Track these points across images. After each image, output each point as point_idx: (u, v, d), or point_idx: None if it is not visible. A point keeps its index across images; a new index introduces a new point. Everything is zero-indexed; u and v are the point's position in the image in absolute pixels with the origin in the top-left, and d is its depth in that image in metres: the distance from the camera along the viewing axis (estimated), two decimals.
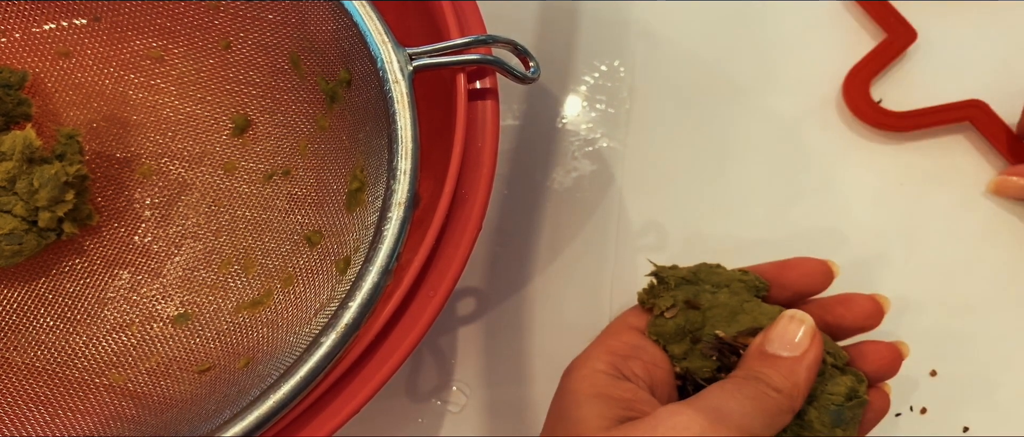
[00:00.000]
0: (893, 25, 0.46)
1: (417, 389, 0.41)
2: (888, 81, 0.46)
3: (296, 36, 0.39)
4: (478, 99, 0.35)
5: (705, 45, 0.48)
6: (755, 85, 0.47)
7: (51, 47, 0.41)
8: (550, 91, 0.47)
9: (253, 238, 0.39)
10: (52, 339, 0.37)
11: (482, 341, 0.42)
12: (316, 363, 0.30)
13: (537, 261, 0.43)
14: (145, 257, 0.40)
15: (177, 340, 0.37)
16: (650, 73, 0.47)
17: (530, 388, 0.41)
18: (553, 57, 0.47)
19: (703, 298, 0.34)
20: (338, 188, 0.38)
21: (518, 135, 0.46)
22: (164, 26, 0.41)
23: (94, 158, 0.41)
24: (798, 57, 0.47)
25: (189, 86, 0.42)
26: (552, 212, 0.44)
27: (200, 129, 0.42)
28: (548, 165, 0.45)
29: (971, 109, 0.44)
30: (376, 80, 0.34)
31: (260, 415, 0.29)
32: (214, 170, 0.41)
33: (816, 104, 0.46)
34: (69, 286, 0.39)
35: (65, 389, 0.36)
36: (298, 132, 0.40)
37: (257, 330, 0.36)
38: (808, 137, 0.46)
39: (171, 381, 0.36)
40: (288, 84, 0.40)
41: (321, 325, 0.31)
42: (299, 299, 0.36)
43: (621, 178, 0.45)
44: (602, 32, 0.48)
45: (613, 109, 0.46)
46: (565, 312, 0.42)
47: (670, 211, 0.44)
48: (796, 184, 0.45)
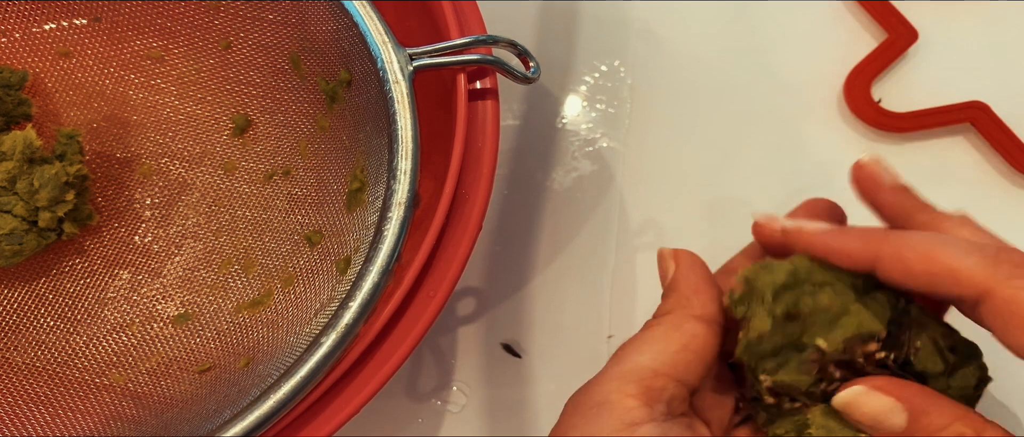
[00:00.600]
0: (894, 25, 0.46)
1: (417, 389, 0.41)
2: (889, 81, 0.46)
3: (296, 36, 0.39)
4: (478, 99, 0.35)
5: (705, 45, 0.48)
6: (755, 85, 0.47)
7: (51, 47, 0.41)
8: (550, 91, 0.47)
9: (253, 238, 0.39)
10: (52, 339, 0.37)
11: (482, 341, 0.42)
12: (316, 363, 0.30)
13: (537, 261, 0.43)
14: (145, 257, 0.40)
15: (177, 340, 0.37)
16: (650, 73, 0.47)
17: (530, 388, 0.41)
18: (553, 57, 0.47)
19: (804, 304, 0.27)
20: (338, 188, 0.38)
21: (518, 135, 0.46)
22: (164, 26, 0.41)
23: (94, 158, 0.41)
24: (798, 57, 0.47)
25: (189, 86, 0.42)
26: (552, 212, 0.44)
27: (200, 129, 0.42)
28: (548, 165, 0.45)
29: (972, 110, 0.44)
30: (376, 80, 0.34)
31: (260, 415, 0.29)
32: (214, 170, 0.41)
33: (816, 104, 0.46)
34: (69, 286, 0.39)
35: (65, 389, 0.36)
36: (298, 132, 0.40)
37: (257, 330, 0.36)
38: (808, 137, 0.46)
39: (171, 381, 0.36)
40: (288, 84, 0.40)
41: (321, 325, 0.31)
42: (299, 299, 0.36)
43: (621, 178, 0.45)
44: (602, 32, 0.48)
45: (613, 109, 0.46)
46: (565, 312, 0.42)
47: (670, 211, 0.44)
48: (796, 184, 0.44)
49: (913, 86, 0.46)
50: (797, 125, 0.46)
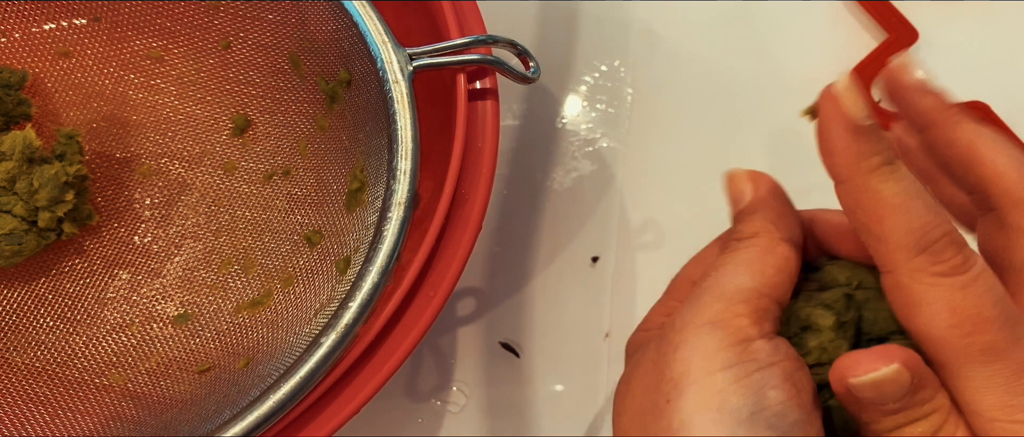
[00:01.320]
0: (894, 25, 0.46)
1: (417, 389, 0.41)
2: None
3: (296, 36, 0.39)
4: (478, 99, 0.35)
5: (705, 45, 0.48)
6: (755, 85, 0.47)
7: (51, 47, 0.41)
8: (550, 91, 0.47)
9: (253, 238, 0.39)
10: (52, 339, 0.37)
11: (482, 341, 0.41)
12: (316, 363, 0.30)
13: (537, 261, 0.43)
14: (145, 257, 0.40)
15: (177, 340, 0.37)
16: (650, 73, 0.47)
17: (530, 388, 0.41)
18: (553, 57, 0.47)
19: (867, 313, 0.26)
20: (338, 188, 0.38)
21: (518, 135, 0.46)
22: (164, 26, 0.41)
23: (94, 158, 0.41)
24: (799, 57, 0.47)
25: (189, 86, 0.42)
26: (552, 212, 0.44)
27: (200, 129, 0.42)
28: (548, 165, 0.45)
29: (972, 111, 0.44)
30: (376, 80, 0.34)
31: (260, 415, 0.29)
32: (214, 170, 0.41)
33: None
34: (69, 286, 0.39)
35: (65, 389, 0.36)
36: (298, 132, 0.40)
37: (257, 330, 0.36)
38: (808, 137, 0.45)
39: (171, 381, 0.36)
40: (288, 84, 0.40)
41: (321, 325, 0.31)
42: (299, 299, 0.36)
43: (621, 178, 0.45)
44: (602, 32, 0.48)
45: (613, 109, 0.46)
46: (565, 312, 0.42)
47: (670, 211, 0.44)
48: (796, 184, 0.44)
49: None
50: (797, 125, 0.46)
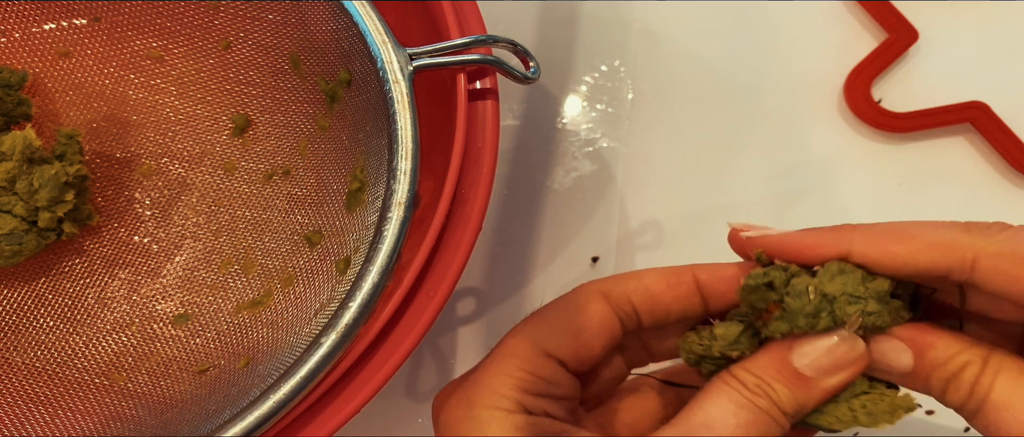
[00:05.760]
0: (894, 25, 0.46)
1: (417, 389, 0.41)
2: (889, 81, 0.46)
3: (296, 36, 0.39)
4: (478, 99, 0.35)
5: (705, 45, 0.48)
6: (755, 85, 0.47)
7: (51, 47, 0.41)
8: (550, 91, 0.47)
9: (253, 238, 0.39)
10: (52, 339, 0.37)
11: (482, 341, 0.41)
12: (316, 363, 0.30)
13: (537, 261, 0.43)
14: (145, 257, 0.40)
15: (177, 340, 0.37)
16: (650, 73, 0.47)
17: None
18: (553, 57, 0.47)
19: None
20: (338, 188, 0.38)
21: (518, 135, 0.46)
22: (164, 26, 0.41)
23: (94, 158, 0.41)
24: (799, 57, 0.47)
25: (189, 86, 0.42)
26: (552, 212, 0.44)
27: (200, 129, 0.42)
28: (548, 165, 0.45)
29: (972, 110, 0.44)
30: (376, 80, 0.34)
31: (260, 415, 0.29)
32: (214, 170, 0.41)
33: (817, 104, 0.46)
34: (69, 286, 0.39)
35: (65, 389, 0.36)
36: (298, 132, 0.40)
37: (257, 330, 0.36)
38: (808, 137, 0.46)
39: (171, 381, 0.36)
40: (288, 84, 0.40)
41: (321, 325, 0.31)
42: (299, 299, 0.36)
43: (621, 178, 0.45)
44: (602, 32, 0.48)
45: (613, 109, 0.46)
46: None
47: (670, 211, 0.44)
48: (796, 184, 0.44)
49: (913, 86, 0.46)
50: (797, 125, 0.46)
